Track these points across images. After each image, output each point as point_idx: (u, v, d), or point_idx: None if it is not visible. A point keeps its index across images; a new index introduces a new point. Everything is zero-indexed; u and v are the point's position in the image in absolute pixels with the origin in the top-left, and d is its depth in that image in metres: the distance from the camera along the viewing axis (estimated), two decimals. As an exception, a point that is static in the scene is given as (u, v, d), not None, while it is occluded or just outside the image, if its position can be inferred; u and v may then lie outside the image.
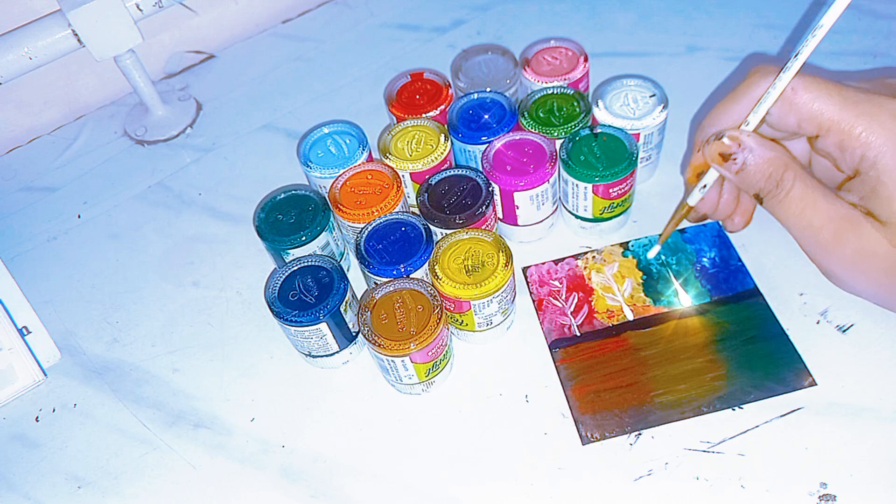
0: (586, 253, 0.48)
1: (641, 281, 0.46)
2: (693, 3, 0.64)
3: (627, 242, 0.48)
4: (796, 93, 0.37)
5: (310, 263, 0.43)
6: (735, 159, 0.38)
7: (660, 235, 0.47)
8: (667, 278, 0.46)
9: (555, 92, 0.49)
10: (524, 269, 0.48)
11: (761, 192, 0.39)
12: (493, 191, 0.45)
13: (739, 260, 0.46)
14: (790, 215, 0.38)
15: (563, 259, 0.48)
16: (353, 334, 0.44)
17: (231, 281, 0.51)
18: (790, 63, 0.37)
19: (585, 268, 0.48)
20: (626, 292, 0.46)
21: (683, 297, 0.45)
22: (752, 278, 0.45)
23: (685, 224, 0.48)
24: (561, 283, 0.47)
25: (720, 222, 0.47)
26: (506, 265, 0.41)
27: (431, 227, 0.44)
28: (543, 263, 0.48)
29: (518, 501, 0.39)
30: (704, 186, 0.42)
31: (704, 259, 0.46)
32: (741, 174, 0.39)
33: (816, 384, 0.40)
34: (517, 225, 0.48)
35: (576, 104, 0.48)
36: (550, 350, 0.44)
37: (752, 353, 0.42)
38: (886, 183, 0.36)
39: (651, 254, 0.47)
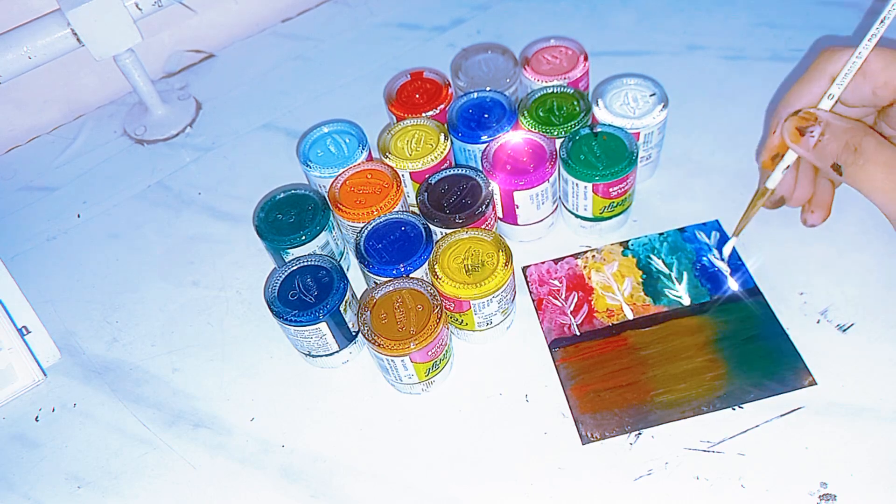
0: (586, 252, 0.48)
1: (641, 280, 0.46)
2: (693, 2, 0.64)
3: (627, 241, 0.48)
4: (868, 63, 0.38)
5: (309, 263, 0.43)
6: (812, 132, 0.39)
7: (736, 226, 0.46)
8: (667, 277, 0.46)
9: (555, 91, 0.49)
10: (524, 269, 0.48)
11: (840, 162, 0.38)
12: (492, 190, 0.45)
13: (739, 259, 0.46)
14: (875, 182, 0.37)
15: (563, 258, 0.48)
16: (353, 334, 0.44)
17: (231, 281, 0.51)
18: (864, 43, 0.38)
19: (585, 267, 0.48)
20: (626, 291, 0.46)
21: (683, 297, 0.45)
22: (752, 277, 0.45)
23: (684, 223, 0.48)
24: (560, 283, 0.47)
25: (797, 210, 0.47)
26: (506, 265, 0.41)
27: (431, 226, 0.44)
28: (543, 263, 0.48)
29: (518, 501, 0.39)
30: (787, 168, 0.42)
31: (704, 258, 0.46)
32: (819, 147, 0.39)
33: (816, 383, 0.40)
34: (517, 224, 0.48)
35: (576, 103, 0.48)
36: (550, 349, 0.44)
37: (751, 352, 0.42)
38: None
39: (727, 250, 0.46)
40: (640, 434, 0.40)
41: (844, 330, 0.42)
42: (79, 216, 0.58)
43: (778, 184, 0.43)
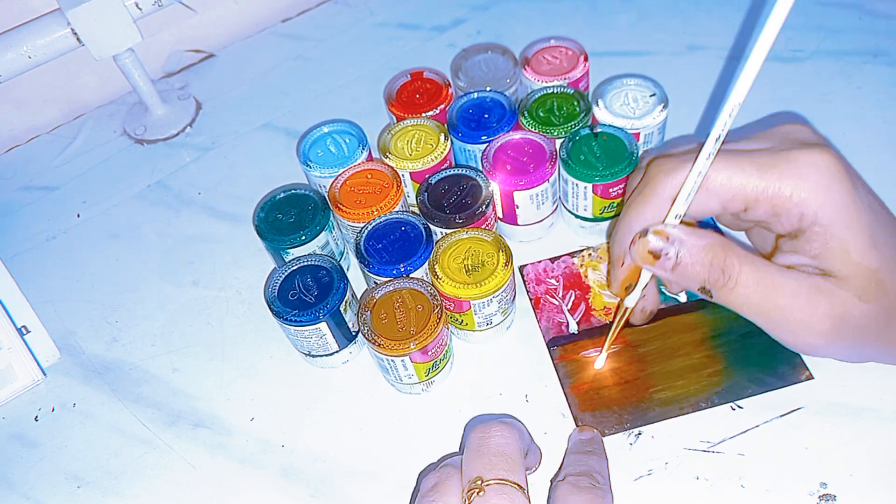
0: (582, 251, 0.48)
1: (641, 280, 0.46)
2: (693, 2, 0.64)
3: (627, 242, 0.48)
4: (709, 178, 0.34)
5: (309, 263, 0.43)
6: (668, 254, 0.34)
7: (603, 344, 0.42)
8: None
9: (555, 91, 0.49)
10: (521, 268, 0.48)
11: (707, 285, 0.34)
12: (492, 190, 0.45)
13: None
14: (749, 302, 0.34)
15: (559, 257, 0.48)
16: (353, 334, 0.44)
17: (231, 280, 0.51)
18: (705, 149, 0.33)
19: (582, 265, 0.48)
20: (626, 292, 0.46)
21: (680, 294, 0.45)
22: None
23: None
24: (558, 281, 0.47)
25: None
26: (505, 265, 0.41)
27: (431, 226, 0.44)
28: (540, 262, 0.48)
29: (518, 501, 0.39)
30: (645, 287, 0.38)
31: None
32: (678, 269, 0.34)
33: (813, 377, 0.40)
34: (517, 224, 0.48)
35: (576, 103, 0.48)
36: (548, 348, 0.44)
37: (749, 348, 0.42)
38: (836, 234, 0.33)
39: (597, 364, 0.43)
40: (640, 434, 0.40)
41: (844, 330, 0.42)
42: (78, 216, 0.58)
43: (638, 300, 0.39)
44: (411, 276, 0.42)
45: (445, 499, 0.32)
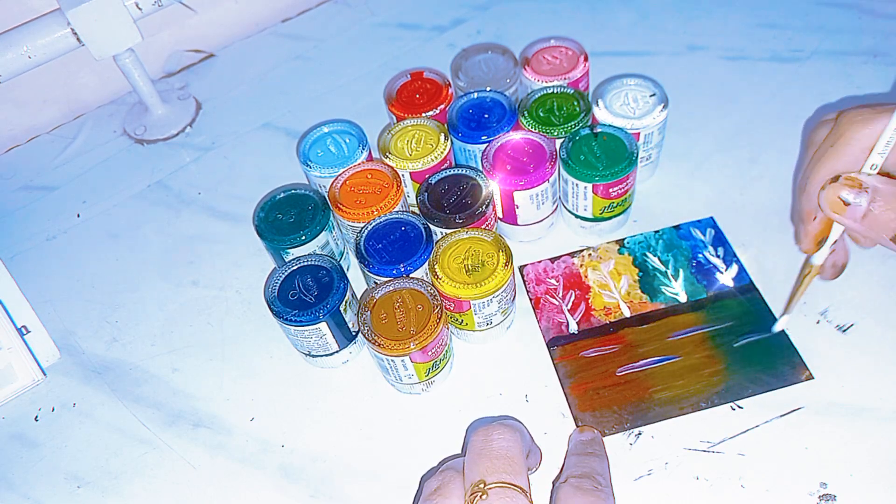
0: (582, 251, 0.48)
1: (638, 278, 0.46)
2: (693, 2, 0.64)
3: (623, 239, 0.48)
4: None
5: (309, 263, 0.43)
6: (859, 202, 0.33)
7: (785, 306, 0.42)
8: (663, 274, 0.46)
9: (555, 91, 0.49)
10: (521, 268, 0.48)
11: None
12: (492, 190, 0.45)
13: (735, 255, 0.46)
14: None
15: (559, 257, 0.48)
16: (353, 334, 0.44)
17: (231, 280, 0.51)
18: None
19: (582, 265, 0.48)
20: (623, 289, 0.46)
21: (680, 294, 0.45)
22: (747, 273, 0.45)
23: (681, 220, 0.48)
24: (557, 281, 0.47)
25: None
26: (506, 265, 0.41)
27: (431, 226, 0.44)
28: (540, 262, 0.48)
29: (518, 501, 0.39)
30: (835, 242, 0.38)
31: (700, 255, 0.47)
32: (870, 218, 0.33)
33: (813, 377, 0.40)
34: (517, 224, 0.48)
35: (576, 103, 0.48)
36: (548, 348, 0.44)
37: (748, 347, 0.42)
38: None
39: (779, 326, 0.42)
40: (640, 434, 0.40)
41: (844, 330, 0.42)
42: (79, 216, 0.58)
43: (827, 256, 0.39)
44: (411, 276, 0.42)
45: (448, 502, 0.32)
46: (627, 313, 0.45)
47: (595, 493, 0.33)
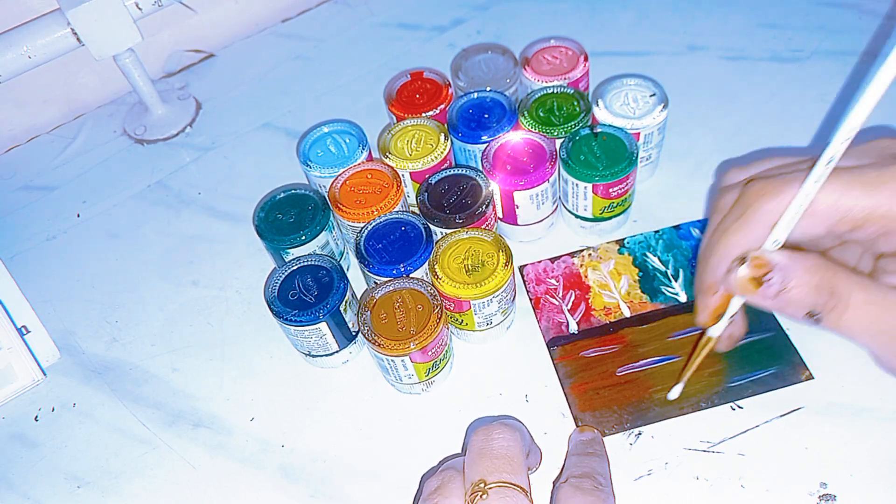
0: (582, 251, 0.48)
1: (638, 278, 0.46)
2: (693, 2, 0.64)
3: (623, 239, 0.48)
4: (816, 200, 0.32)
5: (309, 263, 0.43)
6: (771, 282, 0.32)
7: (680, 374, 0.40)
8: (663, 274, 0.46)
9: (555, 91, 0.49)
10: (521, 268, 0.48)
11: (815, 309, 0.32)
12: (492, 190, 0.45)
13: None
14: (862, 327, 0.32)
15: (559, 257, 0.48)
16: (353, 334, 0.44)
17: (231, 280, 0.51)
18: (814, 173, 0.31)
19: (581, 265, 0.48)
20: (623, 289, 0.46)
21: (680, 294, 0.45)
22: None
23: (681, 220, 0.48)
24: (557, 281, 0.47)
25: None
26: (506, 265, 0.41)
27: (431, 226, 0.44)
28: (540, 262, 0.48)
29: (518, 501, 0.39)
30: (733, 316, 0.36)
31: (704, 258, 0.46)
32: (783, 296, 0.32)
33: (813, 377, 0.40)
34: (517, 224, 0.48)
35: (576, 103, 0.48)
36: (548, 348, 0.44)
37: (748, 348, 0.42)
38: None
39: (672, 395, 0.41)
40: (640, 434, 0.40)
41: (844, 330, 0.42)
42: (78, 216, 0.58)
43: (723, 330, 0.38)
44: (411, 276, 0.42)
45: (448, 501, 0.32)
46: (627, 313, 0.45)
47: (595, 492, 0.33)
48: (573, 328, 0.45)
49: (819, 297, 0.31)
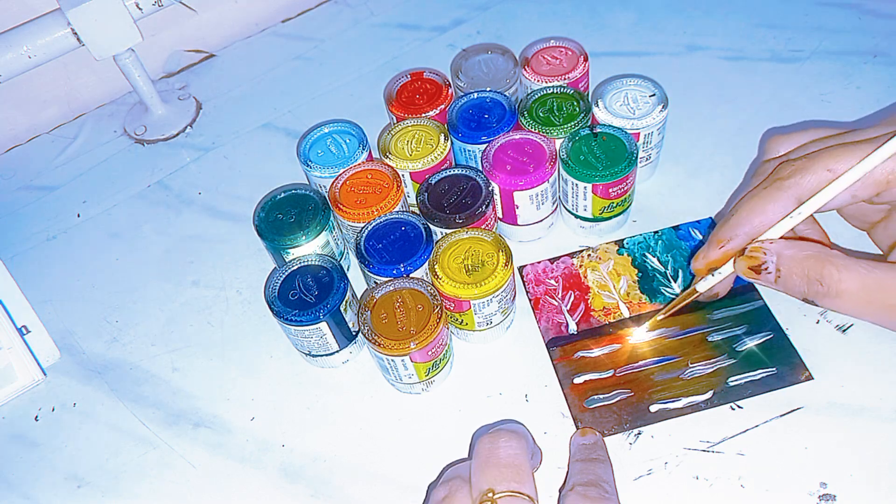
0: (582, 251, 0.48)
1: (637, 278, 0.46)
2: (693, 2, 0.64)
3: (622, 240, 0.48)
4: (837, 171, 0.34)
5: (310, 263, 0.43)
6: (767, 269, 0.35)
7: (657, 315, 0.43)
8: (662, 275, 0.46)
9: (555, 91, 0.49)
10: (520, 269, 0.48)
11: (808, 296, 0.35)
12: (492, 190, 0.45)
13: (739, 259, 0.46)
14: (858, 307, 0.34)
15: (559, 257, 0.48)
16: (353, 334, 0.44)
17: (231, 280, 0.51)
18: (861, 164, 0.33)
19: (581, 266, 0.48)
20: (622, 290, 0.46)
21: (679, 294, 0.45)
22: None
23: (680, 221, 0.48)
24: (557, 282, 0.47)
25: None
26: (505, 265, 0.41)
27: (431, 226, 0.44)
28: (539, 262, 0.48)
29: (518, 501, 0.39)
30: (718, 274, 0.39)
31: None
32: (781, 282, 0.35)
33: (813, 378, 0.40)
34: (517, 224, 0.48)
35: (575, 104, 0.48)
36: (548, 348, 0.44)
37: (748, 348, 0.42)
38: None
39: (634, 339, 0.43)
40: (639, 434, 0.40)
41: (844, 330, 0.42)
42: (79, 216, 0.58)
43: (709, 287, 0.40)
44: (411, 276, 0.42)
45: None
46: (627, 314, 0.45)
47: (602, 501, 0.33)
48: (572, 329, 0.45)
49: (809, 286, 0.34)
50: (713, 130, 0.54)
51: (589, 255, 0.48)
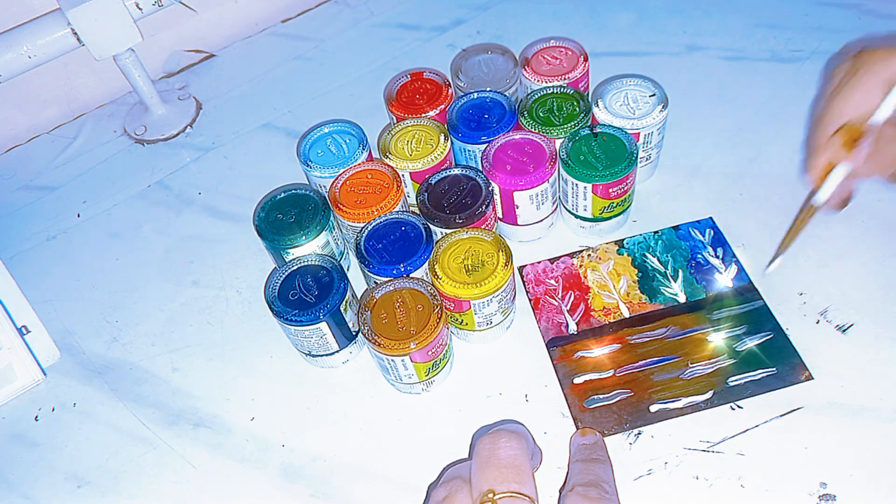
0: (582, 251, 0.48)
1: (637, 278, 0.46)
2: (692, 2, 0.64)
3: (622, 240, 0.48)
4: None
5: (310, 263, 0.43)
6: (862, 146, 0.37)
7: (780, 246, 0.44)
8: (662, 275, 0.46)
9: (554, 91, 0.49)
10: (520, 269, 0.48)
11: None
12: (492, 190, 0.45)
13: (734, 255, 0.46)
14: None
15: (559, 258, 0.48)
16: (353, 334, 0.44)
17: (231, 280, 0.51)
18: None
19: (581, 266, 0.48)
20: (622, 290, 0.46)
21: (679, 294, 0.45)
22: (746, 274, 0.45)
23: (680, 221, 0.48)
24: (557, 282, 0.47)
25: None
26: (505, 265, 0.41)
27: (431, 226, 0.44)
28: (539, 262, 0.48)
29: (518, 501, 0.39)
30: (829, 181, 0.40)
31: (699, 255, 0.47)
32: (871, 156, 0.37)
33: (812, 378, 0.40)
34: (517, 224, 0.48)
35: (575, 104, 0.48)
36: (548, 348, 0.44)
37: (748, 348, 0.42)
38: None
39: (772, 269, 0.44)
40: (639, 434, 0.40)
41: (844, 330, 0.42)
42: (79, 216, 0.58)
43: (828, 196, 0.41)
44: (411, 276, 0.42)
45: None
46: (627, 314, 0.45)
47: (602, 500, 0.33)
48: (573, 328, 0.45)
49: None
50: (713, 130, 0.54)
51: (589, 255, 0.48)
